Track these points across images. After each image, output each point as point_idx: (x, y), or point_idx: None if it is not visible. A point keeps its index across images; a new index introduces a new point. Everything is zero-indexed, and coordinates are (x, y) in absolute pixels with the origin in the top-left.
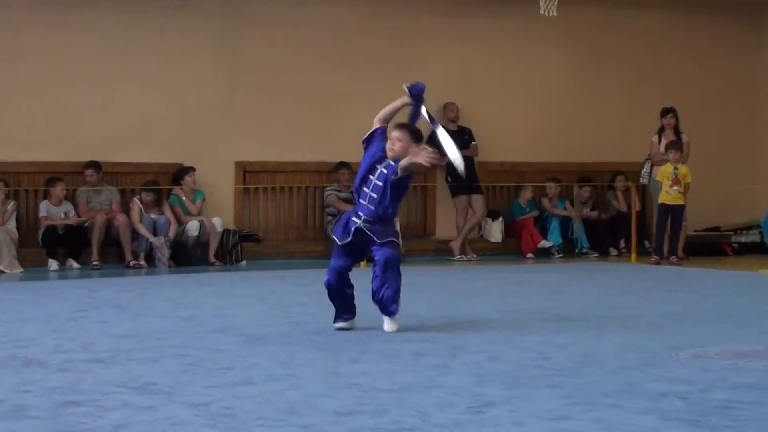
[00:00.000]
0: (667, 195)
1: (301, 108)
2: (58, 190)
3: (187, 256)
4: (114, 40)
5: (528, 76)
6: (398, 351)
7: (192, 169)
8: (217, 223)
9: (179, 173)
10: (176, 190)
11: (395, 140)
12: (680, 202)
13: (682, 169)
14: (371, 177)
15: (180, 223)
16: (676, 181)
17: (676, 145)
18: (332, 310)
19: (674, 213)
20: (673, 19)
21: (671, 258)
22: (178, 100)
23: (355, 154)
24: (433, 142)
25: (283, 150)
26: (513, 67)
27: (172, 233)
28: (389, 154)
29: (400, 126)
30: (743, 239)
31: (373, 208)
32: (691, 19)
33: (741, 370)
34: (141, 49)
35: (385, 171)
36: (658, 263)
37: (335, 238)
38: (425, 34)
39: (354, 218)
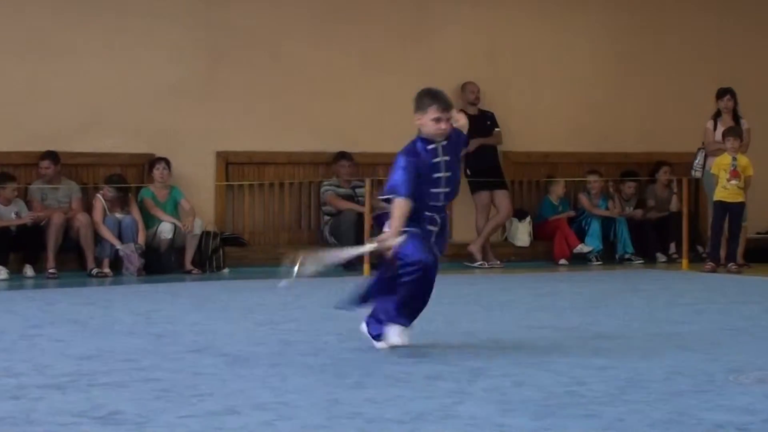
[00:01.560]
0: (725, 191)
1: (295, 88)
2: (9, 190)
3: (160, 262)
4: (71, 7)
5: (561, 51)
6: (409, 374)
7: (162, 160)
8: (196, 224)
9: (151, 166)
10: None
11: (446, 121)
12: (740, 198)
13: (742, 159)
14: (438, 175)
15: (152, 216)
16: (734, 173)
17: (734, 131)
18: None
19: (732, 212)
20: None
21: (729, 265)
22: (149, 78)
23: (357, 142)
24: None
25: (273, 138)
26: (544, 42)
27: (141, 238)
28: (443, 133)
29: (446, 106)
30: None
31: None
32: None
33: None
34: (104, 18)
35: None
36: (713, 271)
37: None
38: (442, 2)
39: (430, 227)
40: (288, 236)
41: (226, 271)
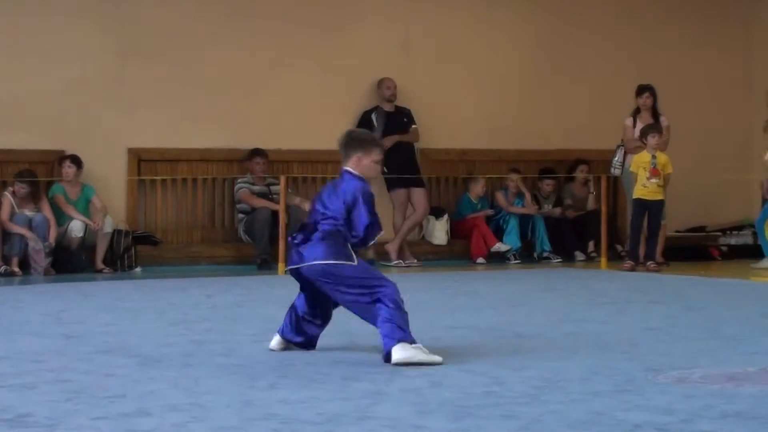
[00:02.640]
0: (644, 188)
1: (208, 84)
2: None
3: (71, 261)
4: None
5: (480, 47)
6: (325, 375)
7: (71, 157)
8: (107, 222)
9: (59, 163)
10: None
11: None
12: (659, 197)
13: (662, 157)
14: None
15: (63, 213)
16: (654, 171)
17: (654, 128)
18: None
19: (652, 210)
20: None
21: (648, 263)
22: (58, 73)
23: (272, 139)
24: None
25: (186, 135)
26: (462, 37)
27: (52, 236)
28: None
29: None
30: (733, 241)
31: None
32: None
33: (730, 396)
34: (13, 13)
35: None
36: (632, 269)
37: None
38: None
39: None
40: (201, 234)
41: (137, 270)
